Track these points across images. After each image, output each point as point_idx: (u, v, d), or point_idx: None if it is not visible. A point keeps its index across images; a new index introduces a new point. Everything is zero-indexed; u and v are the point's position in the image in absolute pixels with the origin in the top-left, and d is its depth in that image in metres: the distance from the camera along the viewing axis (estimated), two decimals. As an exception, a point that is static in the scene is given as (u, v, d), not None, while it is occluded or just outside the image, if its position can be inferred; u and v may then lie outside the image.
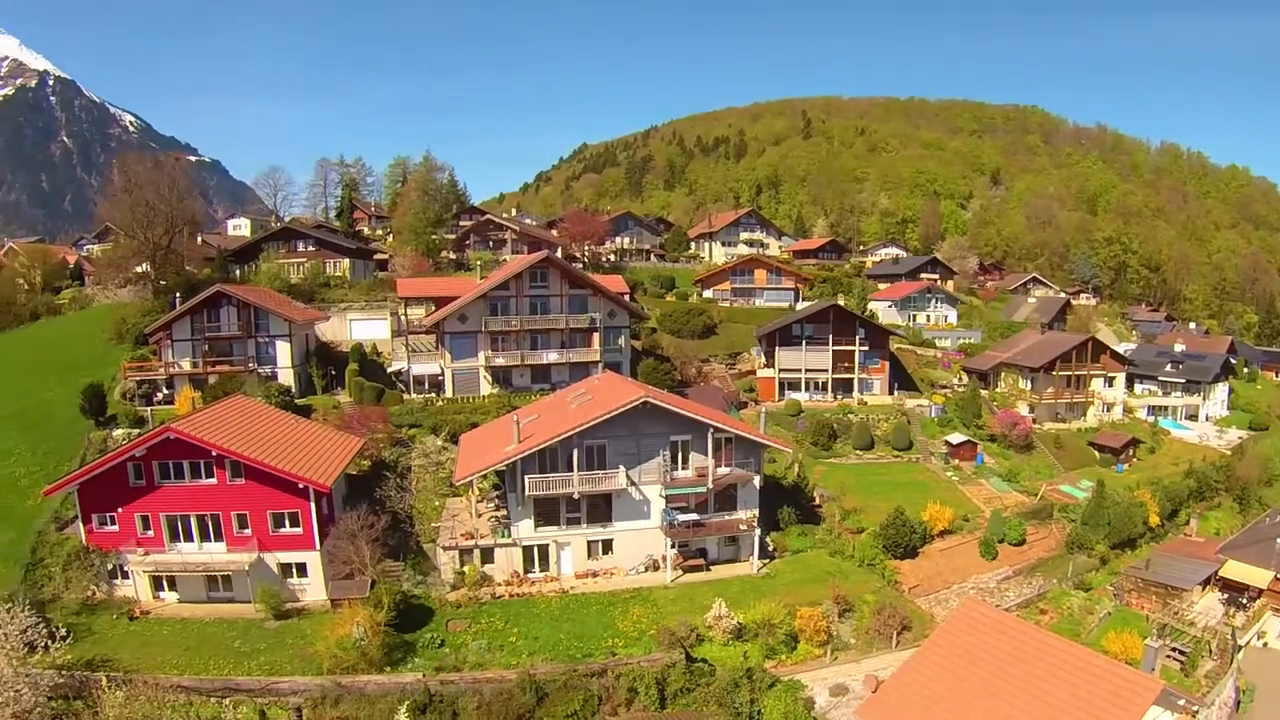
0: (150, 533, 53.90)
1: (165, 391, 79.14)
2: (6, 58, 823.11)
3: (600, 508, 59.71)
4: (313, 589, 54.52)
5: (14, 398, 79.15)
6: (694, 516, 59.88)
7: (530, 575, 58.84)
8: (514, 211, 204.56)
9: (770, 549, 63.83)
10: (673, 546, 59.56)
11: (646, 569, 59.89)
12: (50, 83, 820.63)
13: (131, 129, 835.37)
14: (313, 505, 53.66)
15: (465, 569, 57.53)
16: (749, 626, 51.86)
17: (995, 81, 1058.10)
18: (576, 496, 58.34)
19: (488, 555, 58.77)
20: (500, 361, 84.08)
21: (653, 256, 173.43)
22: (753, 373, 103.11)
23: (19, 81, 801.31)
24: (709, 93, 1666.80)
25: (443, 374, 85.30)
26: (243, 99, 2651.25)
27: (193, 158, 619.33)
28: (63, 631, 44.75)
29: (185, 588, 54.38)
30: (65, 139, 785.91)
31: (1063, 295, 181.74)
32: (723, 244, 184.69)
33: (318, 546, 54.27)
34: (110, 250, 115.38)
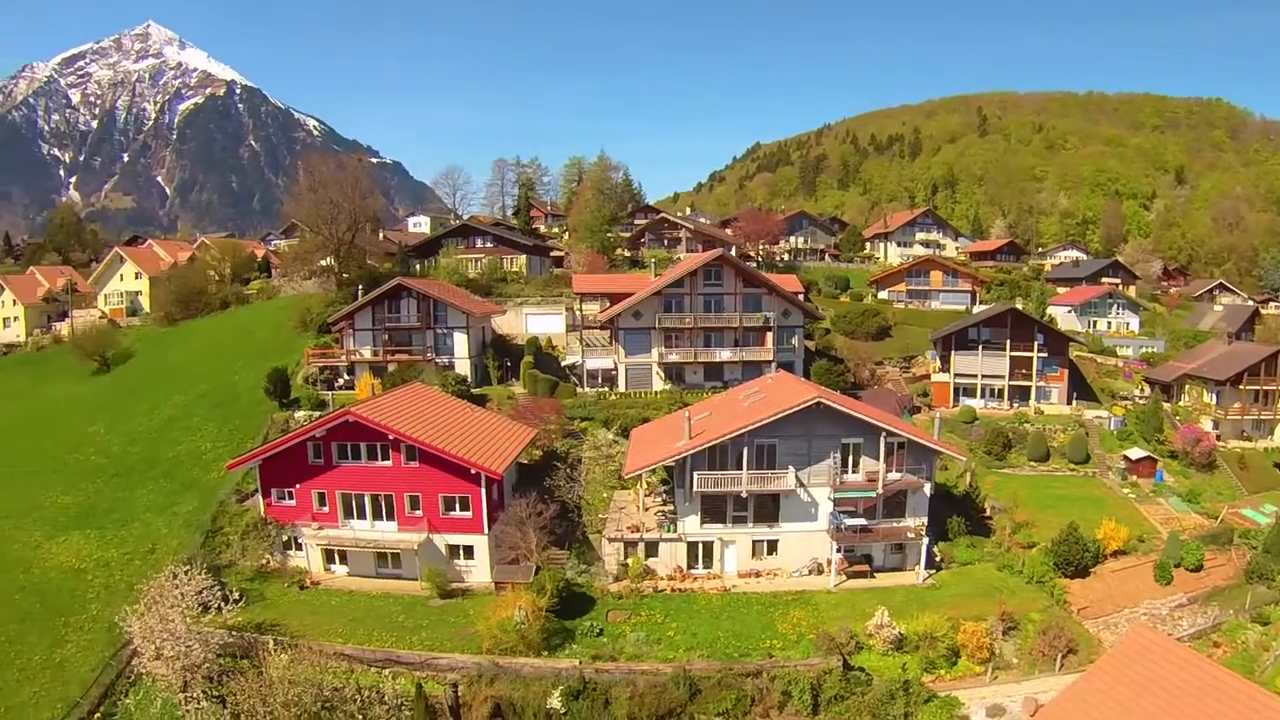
0: (326, 509, 56.66)
1: (346, 377, 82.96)
2: (196, 69, 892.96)
3: (767, 507, 58.76)
4: (478, 571, 55.96)
5: (204, 378, 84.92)
6: (862, 521, 58.04)
7: (693, 571, 58.47)
8: (688, 210, 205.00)
9: (937, 559, 61.35)
10: (838, 551, 58.05)
11: (810, 572, 58.61)
12: (238, 91, 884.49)
13: (315, 133, 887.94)
14: (483, 491, 54.93)
15: (629, 561, 57.80)
16: (910, 638, 49.95)
17: (1178, 73, 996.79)
18: (744, 495, 57.59)
19: (652, 549, 58.85)
20: (673, 358, 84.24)
21: (827, 256, 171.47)
22: (927, 377, 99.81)
23: (208, 91, 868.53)
24: (882, 90, 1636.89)
25: (616, 369, 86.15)
26: (422, 103, 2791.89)
27: (374, 159, 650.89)
28: (236, 595, 47.73)
29: (355, 562, 56.83)
30: (253, 143, 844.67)
31: (1251, 303, 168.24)
32: (898, 244, 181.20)
33: (486, 531, 55.60)
34: (296, 245, 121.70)
